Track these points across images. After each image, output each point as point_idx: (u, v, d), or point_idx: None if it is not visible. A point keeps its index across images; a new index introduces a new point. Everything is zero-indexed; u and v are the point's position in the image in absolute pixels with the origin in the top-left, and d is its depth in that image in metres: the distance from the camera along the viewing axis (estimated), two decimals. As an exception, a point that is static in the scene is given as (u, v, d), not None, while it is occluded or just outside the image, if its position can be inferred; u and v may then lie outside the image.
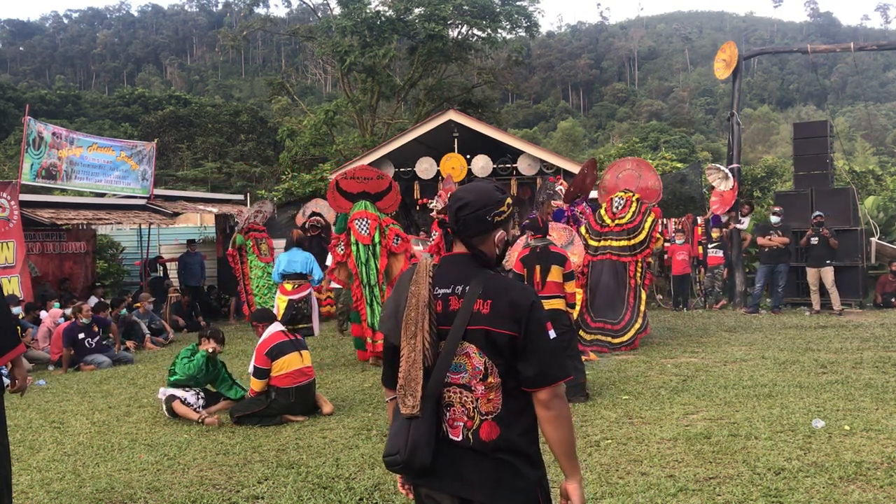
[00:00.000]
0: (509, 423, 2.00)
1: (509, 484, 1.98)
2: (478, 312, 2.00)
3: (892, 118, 70.38)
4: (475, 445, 1.99)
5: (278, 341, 5.93)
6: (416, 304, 2.04)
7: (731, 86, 13.66)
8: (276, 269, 9.20)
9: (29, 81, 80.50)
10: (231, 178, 35.54)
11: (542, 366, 1.97)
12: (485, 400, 2.00)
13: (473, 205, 2.09)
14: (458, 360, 2.01)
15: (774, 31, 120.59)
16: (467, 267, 2.10)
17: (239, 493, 4.16)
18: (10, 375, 3.45)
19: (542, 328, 2.00)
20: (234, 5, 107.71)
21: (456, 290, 2.05)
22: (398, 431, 2.02)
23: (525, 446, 2.01)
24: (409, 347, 2.03)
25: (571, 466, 2.04)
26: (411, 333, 2.03)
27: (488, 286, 2.03)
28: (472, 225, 2.09)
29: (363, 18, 24.76)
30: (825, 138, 13.03)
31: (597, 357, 8.21)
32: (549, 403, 1.98)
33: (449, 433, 2.03)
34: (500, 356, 1.99)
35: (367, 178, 8.93)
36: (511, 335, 1.98)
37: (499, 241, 2.13)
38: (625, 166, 9.73)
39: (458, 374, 2.02)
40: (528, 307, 1.99)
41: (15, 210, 11.17)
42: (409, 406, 2.00)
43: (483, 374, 1.99)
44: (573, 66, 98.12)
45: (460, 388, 2.02)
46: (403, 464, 2.00)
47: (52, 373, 9.02)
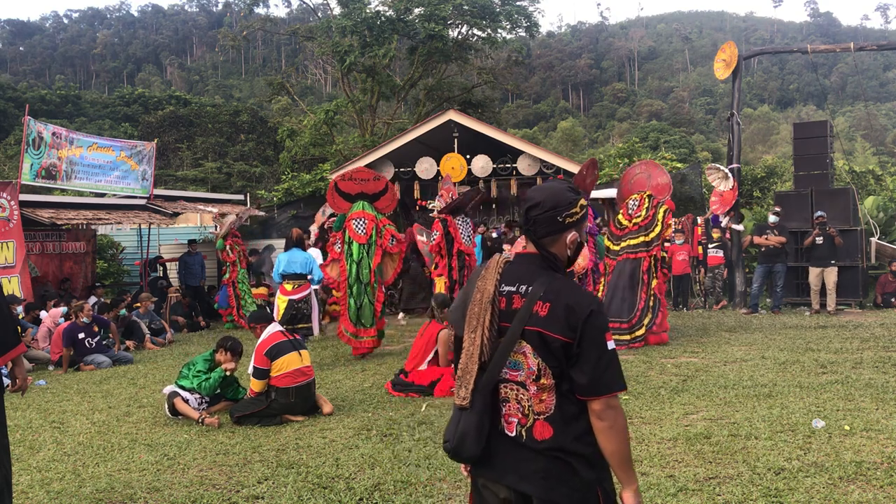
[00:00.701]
0: (563, 426, 2.01)
1: (564, 481, 2.00)
2: (536, 314, 2.01)
3: (892, 118, 70.39)
4: (528, 442, 2.02)
5: (277, 341, 5.93)
6: (480, 300, 2.09)
7: (731, 86, 13.66)
8: (276, 269, 9.21)
9: (29, 81, 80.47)
10: (231, 178, 35.55)
11: (596, 375, 1.95)
12: (537, 400, 2.02)
13: (544, 205, 2.09)
14: (516, 357, 2.04)
15: (774, 31, 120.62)
16: (534, 267, 2.10)
17: (239, 493, 4.16)
18: (10, 375, 3.45)
19: (598, 337, 1.97)
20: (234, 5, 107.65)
21: (520, 289, 2.07)
22: (451, 420, 2.11)
23: (580, 448, 2.01)
24: (469, 340, 2.08)
25: (626, 476, 2.02)
26: (472, 327, 2.08)
27: (550, 288, 2.03)
28: (542, 225, 2.09)
29: (363, 18, 24.75)
30: (825, 138, 13.03)
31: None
32: (602, 414, 1.97)
33: (505, 428, 2.07)
34: (553, 359, 2.00)
35: (365, 179, 9.17)
36: (564, 341, 1.97)
37: (570, 242, 2.12)
38: (634, 172, 9.85)
39: (516, 372, 2.05)
40: (585, 314, 1.97)
41: (15, 210, 11.17)
42: (460, 397, 2.06)
43: (536, 375, 2.02)
44: (573, 66, 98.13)
45: (517, 385, 2.05)
46: (452, 451, 2.07)
47: (52, 373, 9.02)
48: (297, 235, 9.63)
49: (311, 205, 17.16)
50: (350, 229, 8.85)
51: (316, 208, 16.35)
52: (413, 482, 4.19)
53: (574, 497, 2.00)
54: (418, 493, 4.04)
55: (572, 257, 2.14)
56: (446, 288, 9.32)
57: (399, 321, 12.47)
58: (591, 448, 2.01)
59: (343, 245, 8.93)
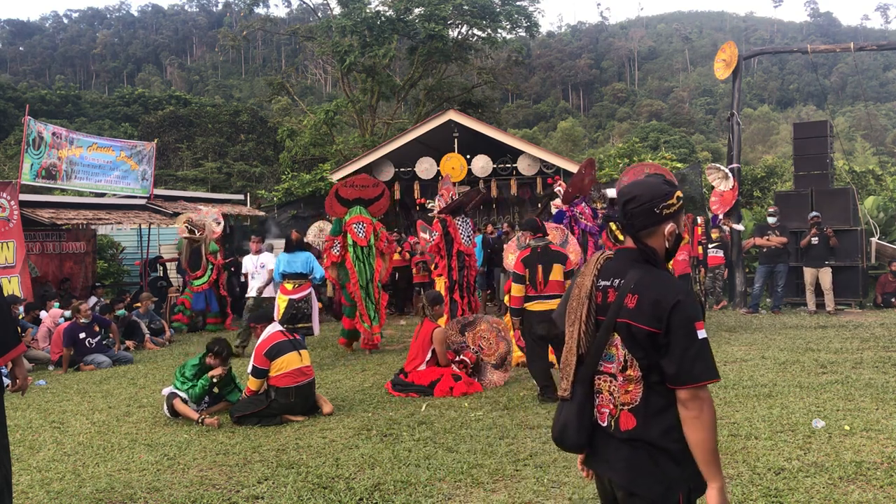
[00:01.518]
0: (647, 418, 2.04)
1: (647, 472, 2.04)
2: (625, 306, 2.06)
3: (892, 118, 70.38)
4: (615, 432, 2.09)
5: (277, 341, 5.92)
6: (578, 294, 2.18)
7: (731, 86, 13.66)
8: (277, 268, 9.22)
9: (29, 81, 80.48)
10: (231, 178, 35.54)
11: (684, 364, 1.97)
12: (623, 391, 2.08)
13: (641, 198, 2.12)
14: (610, 349, 2.12)
15: (774, 31, 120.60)
16: (629, 261, 2.15)
17: (239, 493, 4.16)
18: (10, 375, 3.45)
19: (686, 327, 1.98)
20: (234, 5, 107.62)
21: (614, 283, 2.14)
22: (556, 411, 2.22)
23: (665, 443, 2.02)
24: (568, 334, 2.18)
25: (710, 471, 2.00)
26: (571, 321, 2.18)
27: (640, 281, 2.07)
28: (639, 218, 2.12)
29: (363, 18, 24.75)
30: (825, 138, 13.02)
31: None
32: (688, 403, 1.99)
33: (598, 418, 2.15)
34: (639, 350, 2.04)
35: (365, 185, 9.64)
36: (651, 331, 2.00)
37: (669, 233, 2.14)
38: (643, 171, 9.96)
39: (610, 364, 2.12)
40: (671, 305, 1.99)
41: (15, 210, 11.17)
42: (562, 389, 2.18)
43: (623, 366, 2.08)
44: (573, 66, 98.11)
45: (609, 377, 2.12)
46: (556, 441, 2.20)
47: (52, 373, 9.02)
48: (297, 239, 9.68)
49: (311, 205, 17.16)
50: (352, 233, 9.27)
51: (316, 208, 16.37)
52: (413, 482, 4.19)
53: (654, 490, 2.02)
54: (418, 493, 4.04)
55: (671, 249, 2.16)
56: (446, 288, 9.30)
57: (399, 322, 12.48)
58: (678, 444, 2.02)
59: (343, 249, 9.31)
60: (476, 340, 7.26)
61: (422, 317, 7.18)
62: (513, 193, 16.27)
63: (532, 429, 5.27)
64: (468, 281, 9.54)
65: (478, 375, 7.04)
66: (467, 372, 6.97)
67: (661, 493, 2.02)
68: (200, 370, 6.18)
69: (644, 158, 17.09)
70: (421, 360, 6.91)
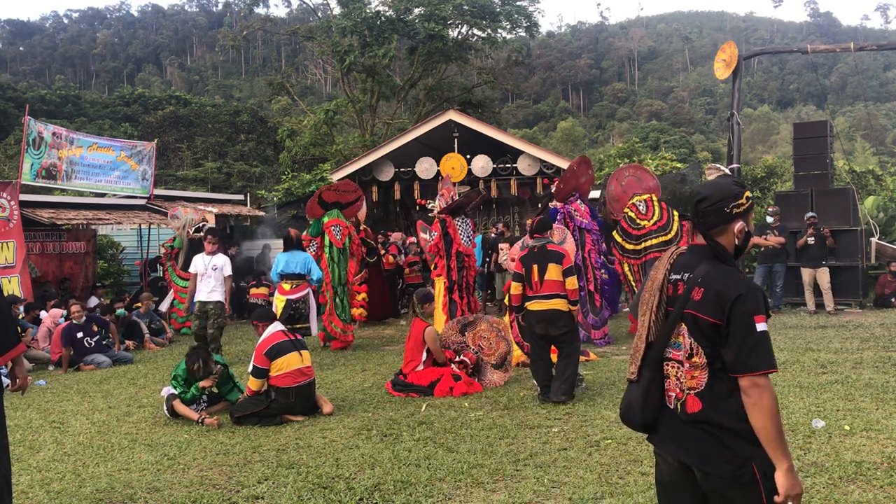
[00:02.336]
0: (713, 402, 2.19)
1: (717, 453, 2.17)
2: (692, 298, 2.23)
3: (892, 118, 70.38)
4: (682, 415, 2.26)
5: (278, 341, 5.92)
6: (651, 286, 2.38)
7: (731, 86, 13.66)
8: (275, 268, 9.22)
9: (29, 81, 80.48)
10: (231, 178, 35.53)
11: (743, 354, 2.11)
12: (690, 376, 2.24)
13: (712, 198, 2.28)
14: (677, 338, 2.29)
15: (774, 31, 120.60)
16: (700, 257, 2.31)
17: (239, 493, 4.16)
18: (10, 375, 3.45)
19: (746, 320, 2.12)
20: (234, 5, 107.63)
21: (684, 277, 2.31)
22: (625, 392, 2.42)
23: (733, 424, 2.16)
24: (640, 323, 2.37)
25: (775, 454, 2.11)
26: (643, 311, 2.37)
27: (707, 275, 2.23)
28: (710, 217, 2.29)
29: (363, 18, 24.75)
30: (825, 138, 13.01)
31: (597, 357, 8.22)
32: (748, 391, 2.11)
33: (667, 401, 2.33)
34: (704, 339, 2.20)
35: (345, 190, 10.27)
36: (714, 323, 2.16)
37: (738, 231, 2.29)
38: (625, 174, 10.11)
39: (678, 351, 2.29)
40: (733, 298, 2.14)
41: (15, 210, 11.17)
42: (630, 372, 2.38)
43: (689, 354, 2.24)
44: (573, 66, 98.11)
45: (676, 363, 2.29)
46: (622, 418, 2.42)
47: (52, 373, 9.02)
48: (296, 236, 9.65)
49: (311, 205, 17.11)
50: (331, 235, 9.80)
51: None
52: (413, 482, 4.19)
53: (726, 469, 2.15)
54: (418, 493, 4.04)
55: (741, 246, 2.31)
56: (445, 289, 9.30)
57: (400, 322, 12.48)
58: (745, 424, 2.14)
59: (320, 249, 9.83)
60: (476, 340, 7.26)
61: (412, 316, 7.16)
62: (513, 193, 16.28)
63: (532, 429, 5.27)
64: (467, 281, 9.54)
65: (478, 375, 7.04)
66: (467, 372, 6.97)
67: (733, 471, 2.14)
68: (189, 376, 6.16)
69: (644, 158, 17.09)
70: (417, 361, 6.89)
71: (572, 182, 9.65)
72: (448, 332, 7.37)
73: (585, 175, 9.81)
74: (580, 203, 9.60)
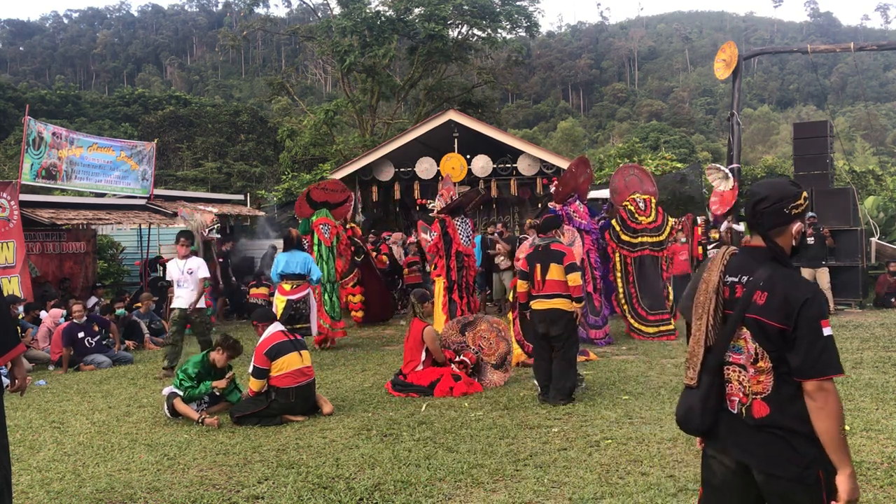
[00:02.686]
0: (779, 405, 2.18)
1: (783, 456, 2.17)
2: (754, 302, 2.19)
3: (892, 118, 70.38)
4: (747, 419, 2.24)
5: (278, 341, 5.92)
6: (706, 289, 2.32)
7: (731, 86, 13.66)
8: (275, 269, 9.21)
9: (29, 81, 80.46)
10: (231, 178, 35.54)
11: (809, 359, 2.10)
12: (755, 381, 2.22)
13: (771, 198, 2.27)
14: (737, 342, 2.26)
15: (774, 31, 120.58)
16: (757, 258, 2.28)
17: (239, 493, 4.16)
18: (9, 375, 3.45)
19: (814, 324, 2.11)
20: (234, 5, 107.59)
21: (742, 280, 2.27)
22: (681, 396, 2.39)
23: (799, 426, 2.15)
24: (696, 326, 2.33)
25: (839, 458, 2.12)
26: (699, 315, 2.32)
27: (769, 279, 2.20)
28: (769, 218, 2.27)
29: (363, 18, 24.75)
30: (825, 138, 13.02)
31: (597, 357, 8.22)
32: (813, 395, 2.11)
33: (728, 405, 2.29)
34: (770, 344, 2.17)
35: (334, 189, 10.49)
36: (781, 328, 2.14)
37: (796, 232, 2.29)
38: (629, 172, 10.51)
39: (738, 355, 2.26)
40: (800, 303, 2.12)
41: (15, 210, 11.17)
42: (689, 377, 2.33)
43: (754, 359, 2.22)
44: (573, 66, 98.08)
45: (738, 368, 2.26)
46: (680, 423, 2.37)
47: (52, 373, 9.02)
48: (297, 236, 9.66)
49: (311, 205, 17.13)
50: (319, 233, 10.02)
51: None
52: (413, 482, 4.19)
53: (792, 471, 2.15)
54: (418, 493, 4.04)
55: (797, 247, 2.31)
56: (445, 289, 9.30)
57: (400, 322, 12.47)
58: (811, 426, 2.14)
59: (309, 248, 10.04)
60: (476, 340, 7.26)
61: (410, 316, 7.15)
62: (513, 193, 16.27)
63: (532, 429, 5.27)
64: (467, 281, 9.53)
65: (478, 375, 7.04)
66: (467, 372, 6.97)
67: (800, 473, 2.14)
68: (204, 368, 6.16)
69: (644, 158, 17.08)
70: (417, 362, 6.89)
71: (571, 184, 9.67)
72: (448, 332, 7.37)
73: (584, 175, 9.84)
74: (579, 204, 9.62)
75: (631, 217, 9.91)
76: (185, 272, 8.43)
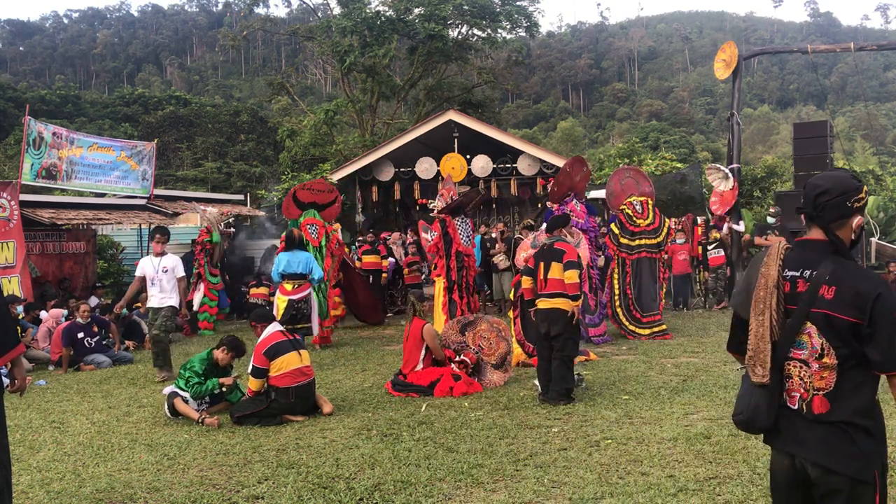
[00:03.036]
0: (841, 401, 2.17)
1: (842, 451, 2.17)
2: (821, 297, 2.18)
3: (892, 118, 70.39)
4: (807, 415, 2.22)
5: (276, 341, 5.92)
6: (766, 285, 2.28)
7: (731, 86, 13.66)
8: (276, 268, 9.21)
9: (29, 81, 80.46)
10: (231, 178, 35.55)
11: (890, 353, 2.09)
12: (818, 377, 2.20)
13: (832, 192, 2.25)
14: (801, 337, 2.24)
15: (774, 31, 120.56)
16: (818, 252, 2.26)
17: (239, 493, 4.16)
18: (9, 375, 3.45)
19: (889, 317, 2.10)
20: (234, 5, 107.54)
21: (804, 274, 2.25)
22: (744, 394, 2.34)
23: (860, 420, 2.16)
24: (757, 323, 2.28)
25: None
26: (759, 311, 2.28)
27: (835, 272, 2.18)
28: (831, 211, 2.25)
29: (363, 18, 24.73)
30: (825, 138, 13.02)
31: (597, 357, 8.22)
32: None
33: (787, 401, 2.28)
34: (838, 339, 2.16)
35: (321, 190, 10.64)
36: (853, 322, 2.12)
37: (857, 226, 2.29)
38: (625, 174, 10.59)
39: (800, 350, 2.24)
40: (873, 296, 2.10)
41: (15, 210, 11.17)
42: (759, 375, 2.28)
43: (819, 354, 2.20)
44: (573, 66, 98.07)
45: (800, 363, 2.24)
46: (745, 423, 2.33)
47: (52, 373, 9.02)
48: (299, 235, 9.66)
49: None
50: (307, 233, 10.04)
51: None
52: (413, 482, 4.19)
53: (853, 466, 2.15)
54: (418, 493, 4.04)
55: (855, 240, 2.31)
56: (445, 289, 9.30)
57: (400, 322, 12.47)
58: (872, 421, 2.17)
59: None
60: (476, 340, 7.26)
61: (410, 316, 7.15)
62: (513, 193, 16.28)
63: (532, 429, 5.27)
64: (467, 281, 9.53)
65: (478, 375, 7.04)
66: (467, 372, 6.97)
67: (859, 469, 2.14)
68: (209, 366, 6.16)
69: (644, 158, 17.08)
70: (416, 361, 6.89)
71: (567, 183, 9.69)
72: (448, 332, 7.37)
73: (580, 173, 9.86)
74: (575, 203, 9.63)
75: (629, 220, 10.05)
76: (159, 270, 8.05)
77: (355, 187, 16.29)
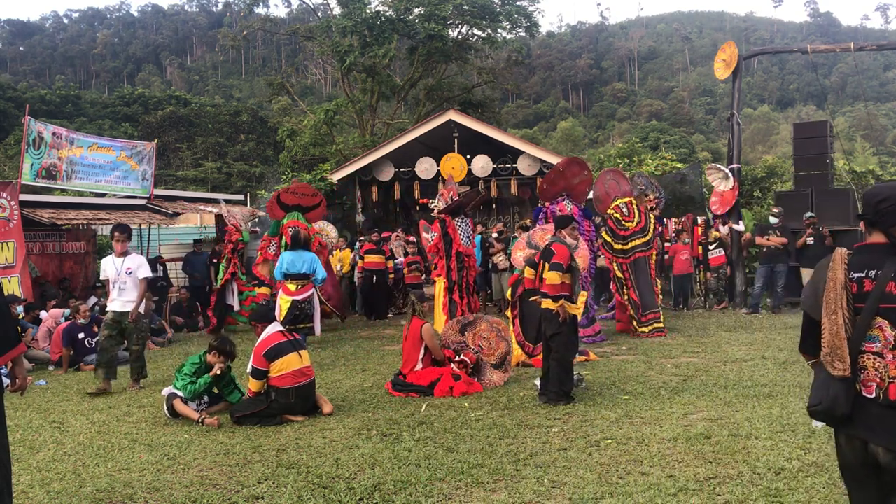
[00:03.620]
0: None
1: None
2: (889, 293, 2.41)
3: (892, 118, 70.39)
4: (884, 402, 2.42)
5: (276, 342, 5.91)
6: (834, 287, 2.50)
7: (731, 86, 13.65)
8: (279, 267, 9.20)
9: (29, 81, 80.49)
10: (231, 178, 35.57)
11: None
12: (893, 366, 2.42)
13: (893, 198, 2.50)
14: (872, 332, 2.45)
15: (774, 31, 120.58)
16: (881, 253, 2.50)
17: (239, 493, 4.16)
18: (10, 375, 3.45)
19: None
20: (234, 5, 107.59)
21: (869, 274, 2.48)
22: (821, 386, 2.52)
23: None
24: (830, 322, 2.49)
25: None
26: (831, 311, 2.48)
27: None
28: (891, 216, 2.49)
29: (363, 18, 24.74)
30: (825, 138, 13.01)
31: (597, 357, 8.22)
32: None
33: (863, 391, 2.48)
34: None
35: (305, 194, 11.00)
36: None
37: None
38: (607, 177, 10.67)
39: (872, 344, 2.46)
40: None
41: (15, 210, 11.17)
42: (839, 369, 2.46)
43: (893, 345, 2.41)
44: (573, 66, 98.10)
45: (874, 356, 2.46)
46: (825, 412, 2.50)
47: (52, 373, 9.02)
48: (304, 236, 9.65)
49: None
50: (287, 235, 10.13)
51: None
52: (413, 482, 4.19)
53: None
54: (418, 493, 4.04)
55: None
56: (445, 289, 9.30)
57: (400, 322, 12.48)
58: None
59: (279, 249, 10.31)
60: (476, 340, 7.27)
61: (409, 316, 7.14)
62: (513, 193, 16.28)
63: (532, 429, 5.27)
64: (467, 281, 9.53)
65: (478, 375, 7.04)
66: (467, 372, 6.97)
67: None
68: (200, 368, 6.16)
69: (644, 158, 17.08)
70: (415, 361, 6.89)
71: (560, 183, 9.69)
72: (448, 332, 7.37)
73: (580, 176, 9.86)
74: (566, 203, 9.61)
75: (618, 225, 10.06)
76: (122, 272, 7.33)
77: (355, 187, 16.29)
